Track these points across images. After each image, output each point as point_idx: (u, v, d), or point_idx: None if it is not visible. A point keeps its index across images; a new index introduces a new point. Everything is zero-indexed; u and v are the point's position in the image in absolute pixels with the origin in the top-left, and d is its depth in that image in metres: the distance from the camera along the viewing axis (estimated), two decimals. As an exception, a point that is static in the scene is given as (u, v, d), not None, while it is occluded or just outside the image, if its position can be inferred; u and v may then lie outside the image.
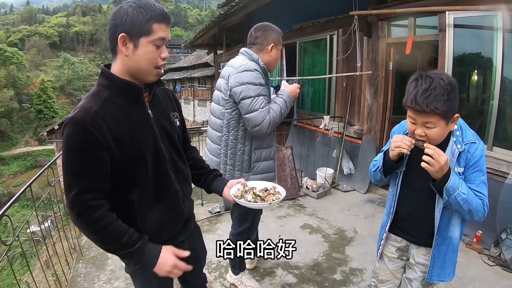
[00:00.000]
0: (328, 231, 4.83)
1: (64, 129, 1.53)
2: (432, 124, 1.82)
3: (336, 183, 6.61)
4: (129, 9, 1.53)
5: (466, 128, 1.99)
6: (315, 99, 8.23)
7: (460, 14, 4.51)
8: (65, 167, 1.52)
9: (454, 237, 2.09)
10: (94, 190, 1.55)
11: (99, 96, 1.59)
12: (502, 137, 4.34)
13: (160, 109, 1.81)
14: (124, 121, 1.60)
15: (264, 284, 3.67)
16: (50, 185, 3.90)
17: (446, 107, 1.74)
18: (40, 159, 37.32)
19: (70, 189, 1.52)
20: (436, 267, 2.13)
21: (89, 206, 1.52)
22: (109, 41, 1.62)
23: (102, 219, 1.55)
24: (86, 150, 1.50)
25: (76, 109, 1.56)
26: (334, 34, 6.96)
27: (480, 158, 1.92)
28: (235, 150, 2.91)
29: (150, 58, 1.59)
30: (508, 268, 3.86)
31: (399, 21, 5.67)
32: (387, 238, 2.40)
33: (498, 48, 4.13)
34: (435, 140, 1.88)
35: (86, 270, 3.96)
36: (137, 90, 1.66)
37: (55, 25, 75.10)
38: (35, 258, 10.68)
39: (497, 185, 4.08)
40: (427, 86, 1.77)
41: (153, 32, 1.55)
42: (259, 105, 2.71)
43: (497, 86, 4.19)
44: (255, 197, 1.96)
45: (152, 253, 1.67)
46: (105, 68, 1.66)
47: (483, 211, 1.89)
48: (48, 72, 56.30)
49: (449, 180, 1.81)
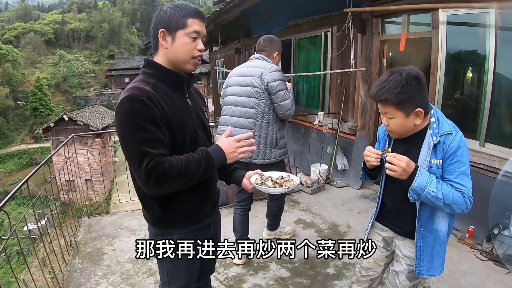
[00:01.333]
0: (321, 226, 4.87)
1: (120, 108, 1.69)
2: (390, 114, 1.99)
3: (330, 179, 6.64)
4: (168, 10, 1.80)
5: (443, 120, 2.06)
6: (310, 96, 8.25)
7: (453, 11, 4.54)
8: (129, 142, 1.69)
9: (440, 230, 2.14)
10: (160, 154, 1.69)
11: (148, 81, 1.79)
12: (494, 133, 4.37)
13: (195, 101, 2.04)
14: (171, 105, 1.80)
15: (257, 278, 3.71)
16: (47, 181, 3.92)
17: (399, 99, 1.89)
18: (36, 157, 37.04)
19: (141, 160, 1.66)
20: (424, 260, 2.16)
21: (159, 162, 1.66)
22: (152, 38, 1.88)
23: (173, 163, 1.70)
24: (148, 120, 1.67)
25: (127, 90, 1.74)
26: (328, 31, 6.99)
27: (458, 149, 1.97)
28: (268, 131, 3.66)
29: (187, 49, 1.82)
30: (500, 263, 3.90)
31: (392, 18, 5.69)
32: (374, 227, 2.51)
33: (491, 45, 4.15)
34: (397, 131, 2.06)
35: (82, 266, 3.99)
36: (183, 79, 1.89)
37: (51, 22, 74.34)
38: (32, 256, 10.70)
39: (490, 181, 4.11)
40: (384, 79, 1.96)
41: (188, 26, 1.78)
42: (289, 95, 3.61)
43: (490, 83, 4.21)
44: (274, 184, 2.15)
45: (215, 150, 1.87)
46: (151, 60, 1.89)
47: (463, 203, 1.94)
48: (44, 69, 55.79)
49: (414, 182, 1.90)
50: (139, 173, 1.69)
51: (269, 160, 3.71)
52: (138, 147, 1.66)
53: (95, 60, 67.01)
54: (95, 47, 71.23)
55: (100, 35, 71.18)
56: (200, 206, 2.01)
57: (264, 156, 3.70)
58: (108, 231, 4.77)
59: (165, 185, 1.71)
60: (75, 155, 5.27)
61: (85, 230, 4.81)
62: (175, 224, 1.97)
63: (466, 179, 1.97)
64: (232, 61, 11.99)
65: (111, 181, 25.29)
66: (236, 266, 3.90)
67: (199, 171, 1.77)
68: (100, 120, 29.61)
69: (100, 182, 21.47)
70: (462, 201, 1.93)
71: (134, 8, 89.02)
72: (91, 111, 31.64)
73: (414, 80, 1.91)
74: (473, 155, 4.34)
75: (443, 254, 2.22)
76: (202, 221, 2.07)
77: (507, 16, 4.01)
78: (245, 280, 3.70)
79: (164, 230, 2.00)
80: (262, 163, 3.68)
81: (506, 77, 4.27)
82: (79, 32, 72.95)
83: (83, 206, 5.66)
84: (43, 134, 28.63)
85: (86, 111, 31.26)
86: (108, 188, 24.78)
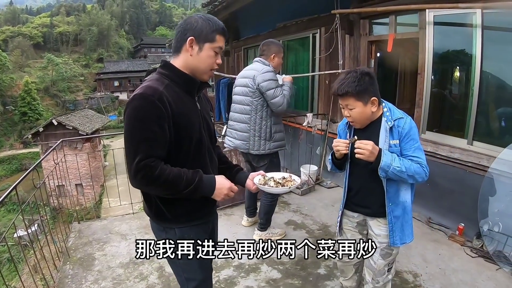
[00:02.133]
0: (312, 227, 4.89)
1: (132, 102, 1.81)
2: (351, 105, 2.34)
3: (320, 180, 6.67)
4: (199, 20, 1.91)
5: (394, 109, 2.45)
6: (299, 97, 8.24)
7: (440, 12, 4.57)
8: (132, 135, 1.81)
9: (405, 201, 2.47)
10: (156, 156, 1.81)
11: (162, 82, 1.90)
12: (481, 132, 4.40)
13: (203, 106, 2.16)
14: (181, 105, 1.91)
15: (249, 280, 3.71)
16: (36, 187, 3.89)
17: (357, 91, 2.27)
18: (25, 162, 36.69)
19: (135, 155, 1.78)
20: (396, 231, 2.47)
21: (150, 166, 1.78)
22: (176, 40, 1.97)
23: (163, 171, 1.81)
24: (153, 120, 1.79)
25: (141, 88, 1.85)
26: (316, 32, 7.00)
27: (410, 129, 2.35)
28: (261, 126, 4.12)
29: (209, 61, 1.96)
30: (490, 259, 3.94)
31: (380, 19, 5.71)
32: (346, 215, 2.79)
33: (477, 45, 4.19)
34: (358, 119, 2.40)
35: (73, 272, 3.95)
36: (196, 83, 2.02)
37: (39, 25, 73.84)
38: (23, 263, 10.60)
39: (478, 179, 4.16)
40: (343, 77, 2.36)
41: (215, 41, 1.94)
42: (278, 93, 4.01)
43: (477, 82, 4.25)
44: (276, 184, 2.29)
45: (209, 182, 1.98)
46: (168, 62, 2.00)
47: (423, 171, 2.31)
48: (32, 73, 55.24)
49: (381, 161, 2.25)
50: (130, 167, 1.79)
51: (263, 151, 4.18)
52: (136, 143, 1.79)
53: (84, 64, 66.56)
54: (84, 50, 70.88)
55: (89, 38, 70.77)
56: (202, 203, 2.08)
57: (259, 148, 4.17)
58: (99, 236, 4.74)
59: (148, 187, 1.86)
60: (64, 160, 5.23)
61: (75, 236, 4.77)
62: (176, 218, 2.05)
63: (421, 153, 2.36)
64: (222, 63, 11.94)
65: (102, 186, 25.16)
66: (227, 269, 3.90)
67: (186, 190, 1.88)
68: (89, 124, 29.46)
69: (90, 187, 21.39)
70: (421, 170, 2.30)
71: (123, 10, 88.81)
72: (80, 115, 31.46)
73: (366, 76, 2.31)
74: (461, 153, 4.40)
75: (410, 222, 2.54)
76: (202, 217, 2.17)
77: (493, 16, 4.06)
78: (236, 282, 3.70)
79: (165, 224, 2.09)
80: (257, 154, 4.21)
81: (492, 76, 4.31)
82: (67, 35, 72.56)
83: (73, 211, 5.63)
84: (32, 139, 28.45)
85: (76, 115, 31.09)
86: (98, 192, 24.66)
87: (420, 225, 4.81)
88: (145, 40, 78.02)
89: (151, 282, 3.73)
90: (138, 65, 60.71)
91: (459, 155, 4.43)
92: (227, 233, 4.20)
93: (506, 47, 4.17)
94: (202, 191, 1.94)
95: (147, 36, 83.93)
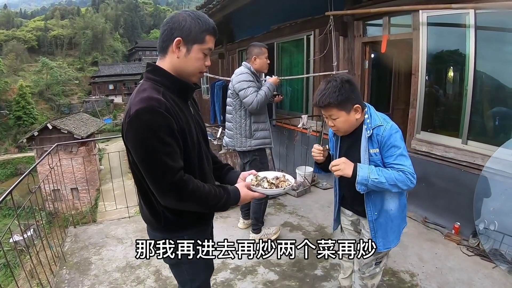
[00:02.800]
0: (308, 228, 4.89)
1: (138, 118, 1.66)
2: (334, 115, 2.32)
3: (316, 181, 6.66)
4: (188, 18, 1.78)
5: (374, 115, 2.38)
6: (294, 99, 8.27)
7: (433, 13, 4.60)
8: (152, 153, 1.69)
9: (390, 209, 2.45)
10: (181, 168, 1.76)
11: (158, 90, 1.77)
12: (476, 131, 4.43)
13: (195, 109, 2.08)
14: (181, 113, 1.81)
15: (246, 283, 3.71)
16: (31, 191, 3.87)
17: (339, 100, 2.24)
18: (20, 167, 36.47)
19: (163, 173, 1.71)
20: (379, 237, 2.47)
21: (184, 181, 1.75)
22: (162, 41, 1.83)
23: (197, 187, 1.80)
24: (168, 133, 1.69)
25: (145, 100, 1.69)
26: (310, 34, 7.02)
27: (390, 136, 2.27)
28: (241, 124, 4.28)
29: (198, 64, 1.85)
30: (486, 257, 3.96)
31: (374, 20, 5.73)
32: (343, 213, 2.89)
33: (471, 45, 4.22)
34: (342, 128, 2.38)
35: (70, 276, 3.94)
36: (191, 89, 1.95)
37: (33, 29, 73.48)
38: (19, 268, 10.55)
39: (473, 178, 4.19)
40: (323, 87, 2.31)
41: (205, 42, 1.82)
42: (249, 93, 4.08)
43: (470, 82, 4.28)
44: (270, 185, 2.21)
45: (235, 196, 1.96)
46: (157, 66, 1.85)
47: (406, 179, 2.21)
48: (27, 77, 54.96)
49: (358, 176, 2.22)
50: (160, 184, 1.73)
51: (245, 148, 4.32)
52: (160, 160, 1.69)
53: (79, 67, 66.14)
54: (78, 54, 70.65)
55: (83, 42, 70.50)
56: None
57: (241, 145, 4.33)
58: (95, 240, 4.72)
59: (181, 203, 1.80)
60: (60, 164, 5.22)
61: (71, 240, 4.76)
62: (186, 225, 2.01)
63: (404, 159, 2.26)
64: (216, 66, 11.96)
65: (97, 190, 25.08)
66: (224, 271, 3.90)
67: (216, 206, 1.89)
68: (84, 128, 29.32)
69: (86, 191, 21.32)
70: (404, 178, 2.21)
71: (117, 14, 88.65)
72: (75, 119, 31.30)
73: (347, 83, 2.27)
74: (456, 153, 4.42)
75: (396, 229, 2.52)
76: (208, 220, 2.18)
77: (486, 16, 4.08)
78: (233, 285, 3.70)
79: (174, 234, 2.02)
80: (239, 150, 4.40)
81: (486, 76, 4.34)
82: (62, 39, 72.29)
83: (69, 216, 5.61)
84: (27, 143, 28.29)
85: (70, 119, 30.91)
86: (94, 196, 24.59)
87: (416, 225, 4.82)
88: (140, 43, 77.73)
89: (148, 285, 3.72)
90: (133, 68, 60.74)
91: (454, 154, 4.45)
92: (224, 236, 4.17)
93: (499, 47, 4.21)
94: (230, 204, 1.94)
95: (141, 39, 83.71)
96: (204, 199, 1.82)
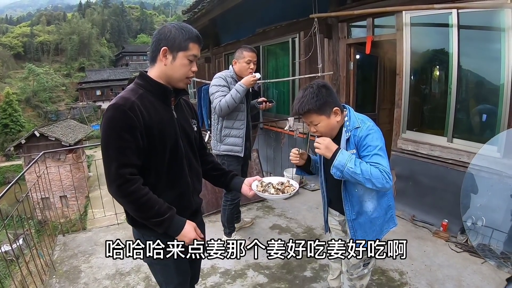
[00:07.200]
0: (297, 230, 4.90)
1: (106, 113, 1.88)
2: (315, 121, 2.38)
3: (304, 183, 6.67)
4: (172, 29, 1.94)
5: (353, 117, 2.45)
6: (280, 101, 8.26)
7: (416, 13, 4.66)
8: (107, 144, 1.86)
9: (368, 211, 2.50)
10: (130, 165, 1.87)
11: (136, 92, 1.96)
12: (460, 129, 4.49)
13: (182, 114, 2.20)
14: (154, 114, 1.96)
15: (235, 286, 3.71)
16: (18, 201, 3.84)
17: (318, 105, 2.31)
18: (8, 175, 36.05)
19: (111, 164, 1.85)
20: (358, 237, 2.54)
21: (127, 179, 1.85)
22: (152, 51, 2.00)
23: (138, 190, 1.88)
24: (125, 129, 1.84)
25: (116, 98, 1.92)
26: (296, 37, 7.05)
27: (366, 137, 2.33)
28: (214, 127, 4.26)
29: (184, 70, 2.00)
30: (475, 253, 4.01)
31: (358, 22, 5.79)
32: (330, 213, 2.93)
33: (454, 44, 4.29)
34: (325, 133, 2.42)
35: (60, 285, 3.90)
36: (169, 92, 2.04)
37: (19, 35, 72.76)
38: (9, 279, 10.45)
39: (459, 175, 4.25)
40: (300, 95, 2.39)
41: (189, 49, 1.96)
42: (215, 97, 4.03)
43: (454, 80, 4.34)
44: (276, 190, 2.33)
45: (178, 224, 2.01)
46: (144, 72, 2.05)
47: (382, 176, 2.20)
48: (13, 84, 54.40)
49: (335, 160, 2.26)
50: (108, 173, 1.86)
51: (216, 152, 4.29)
52: (111, 152, 1.85)
53: (65, 73, 65.54)
54: (65, 59, 70.02)
55: (70, 47, 69.84)
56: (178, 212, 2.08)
57: (214, 148, 4.34)
58: (84, 248, 4.69)
59: (121, 199, 1.89)
60: (47, 172, 5.18)
61: (60, 249, 4.72)
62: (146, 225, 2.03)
63: (380, 158, 2.28)
64: (203, 70, 11.98)
65: (87, 197, 24.88)
66: (213, 275, 3.90)
67: (153, 219, 1.94)
68: (72, 134, 29.12)
69: (75, 199, 21.16)
70: (379, 175, 2.20)
71: (103, 19, 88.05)
72: (62, 126, 31.07)
73: (323, 88, 2.35)
74: (441, 151, 4.48)
75: (378, 229, 2.57)
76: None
77: (469, 15, 4.15)
78: (223, 289, 3.70)
79: (141, 231, 2.15)
80: (214, 153, 4.30)
81: (470, 74, 4.42)
82: (48, 44, 71.67)
83: (58, 224, 5.56)
84: (14, 151, 28.11)
85: (58, 126, 30.68)
86: (83, 204, 24.41)
87: (405, 223, 4.85)
88: (127, 48, 77.18)
89: (138, 292, 3.70)
90: (120, 73, 60.28)
91: (440, 152, 4.50)
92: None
93: (482, 45, 4.28)
94: (168, 228, 1.98)
95: (128, 44, 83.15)
96: (141, 205, 1.89)
